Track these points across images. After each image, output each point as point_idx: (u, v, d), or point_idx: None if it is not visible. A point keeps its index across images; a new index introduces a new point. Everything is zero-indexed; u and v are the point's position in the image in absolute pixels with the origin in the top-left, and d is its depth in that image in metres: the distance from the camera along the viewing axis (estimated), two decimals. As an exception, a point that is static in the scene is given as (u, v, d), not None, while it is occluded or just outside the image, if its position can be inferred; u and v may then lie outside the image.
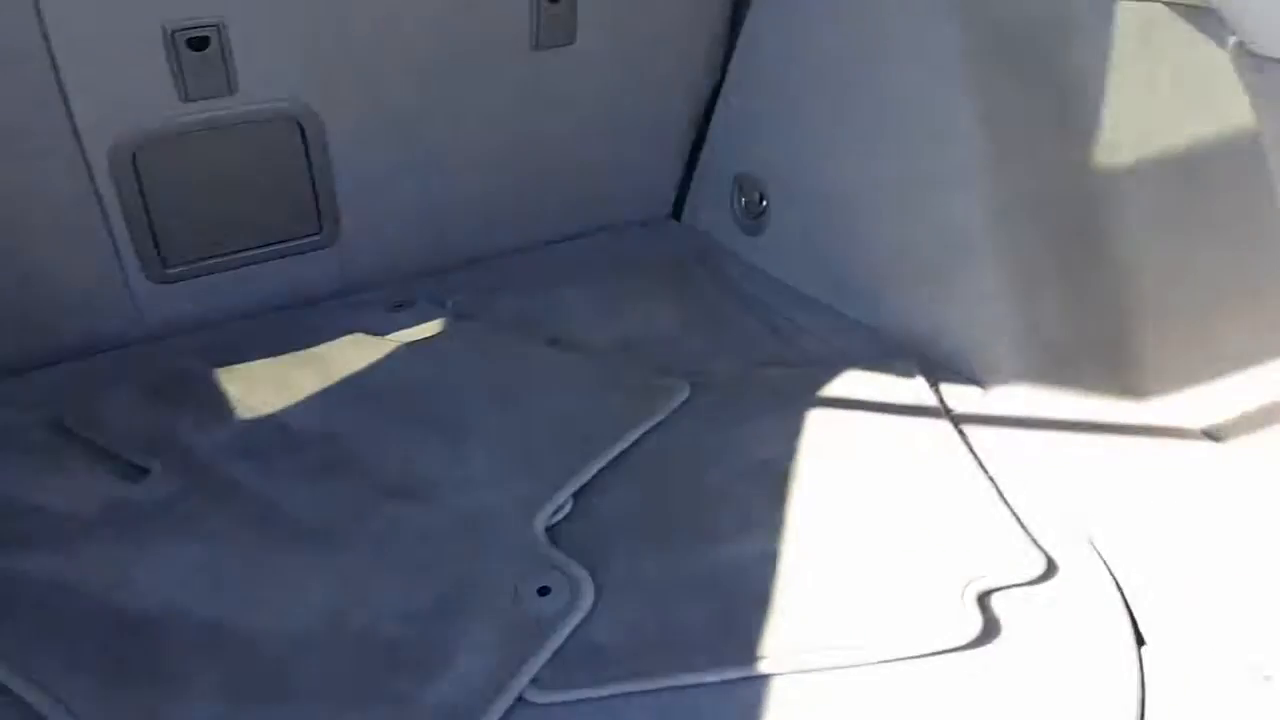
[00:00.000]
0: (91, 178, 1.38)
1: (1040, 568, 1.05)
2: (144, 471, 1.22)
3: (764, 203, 1.75)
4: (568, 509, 1.18)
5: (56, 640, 1.00)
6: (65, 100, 1.31)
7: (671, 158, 1.90)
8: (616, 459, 1.25)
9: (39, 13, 1.24)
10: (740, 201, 1.80)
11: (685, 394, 1.36)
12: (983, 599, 1.03)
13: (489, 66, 1.59)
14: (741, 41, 1.72)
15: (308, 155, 1.52)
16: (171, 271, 1.52)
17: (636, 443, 1.28)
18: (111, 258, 1.45)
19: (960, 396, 1.35)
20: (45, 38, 1.25)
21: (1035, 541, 1.09)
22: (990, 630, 1.00)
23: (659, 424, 1.31)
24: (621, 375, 1.42)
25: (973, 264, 1.37)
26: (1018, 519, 1.12)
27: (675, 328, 1.57)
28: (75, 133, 1.34)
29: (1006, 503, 1.15)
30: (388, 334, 1.52)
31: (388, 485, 1.21)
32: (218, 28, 1.34)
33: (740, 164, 1.78)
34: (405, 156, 1.61)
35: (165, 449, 1.25)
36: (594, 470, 1.23)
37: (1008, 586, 1.04)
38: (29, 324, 1.45)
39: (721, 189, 1.83)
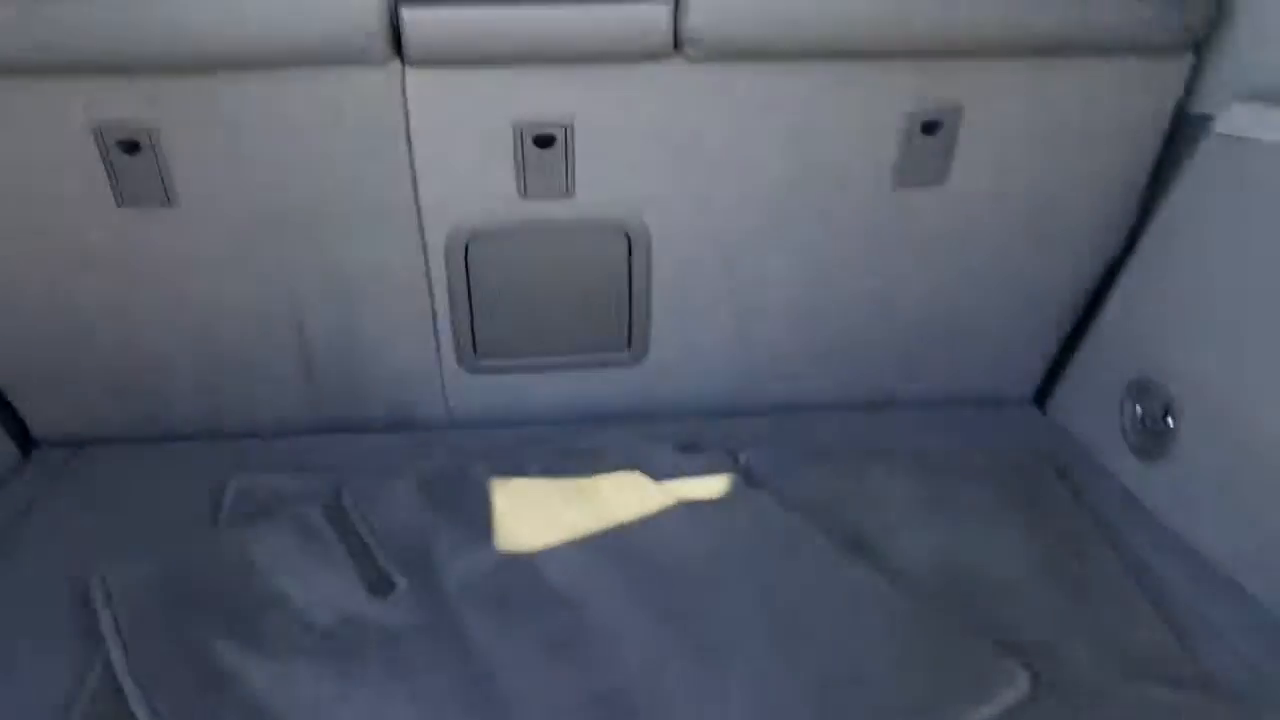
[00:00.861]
0: (426, 259, 1.40)
1: None
2: (390, 585, 1.18)
3: (1169, 420, 1.33)
4: (835, 813, 0.89)
5: None
6: (414, 182, 1.33)
7: (1046, 332, 1.59)
8: (912, 755, 0.94)
9: (404, 96, 1.25)
10: (1134, 410, 1.40)
11: (1024, 690, 1.01)
12: None
13: (838, 200, 1.41)
14: (1165, 205, 1.36)
15: (630, 269, 1.45)
16: (483, 363, 1.52)
17: (944, 739, 0.96)
18: (430, 340, 1.48)
19: None
20: (406, 120, 1.27)
21: None
22: None
23: (979, 721, 0.98)
24: (938, 629, 1.10)
25: None
26: None
27: (1021, 567, 1.21)
28: (419, 214, 1.36)
29: None
30: (671, 479, 1.37)
31: (623, 696, 1.01)
32: (566, 129, 1.30)
33: (1141, 362, 1.39)
34: (727, 286, 1.48)
35: (417, 565, 1.21)
36: (880, 765, 0.93)
37: None
38: (344, 388, 1.51)
39: (1109, 386, 1.45)
